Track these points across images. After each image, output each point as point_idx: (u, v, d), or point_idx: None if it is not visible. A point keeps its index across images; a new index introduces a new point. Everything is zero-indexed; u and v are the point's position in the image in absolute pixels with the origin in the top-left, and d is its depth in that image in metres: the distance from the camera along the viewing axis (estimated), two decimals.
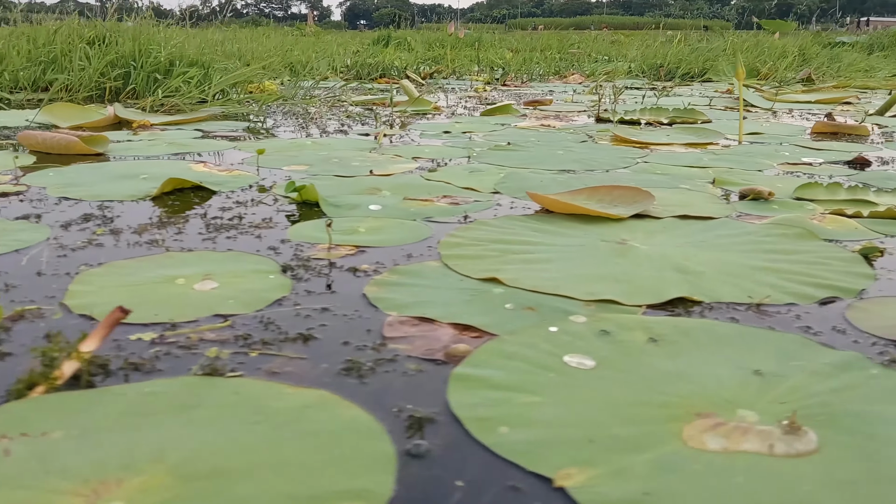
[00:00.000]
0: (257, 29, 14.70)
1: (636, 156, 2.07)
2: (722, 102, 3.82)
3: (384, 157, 2.05)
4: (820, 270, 1.07)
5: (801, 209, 1.44)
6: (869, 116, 3.18)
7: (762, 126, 2.80)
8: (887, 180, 1.76)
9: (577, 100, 3.89)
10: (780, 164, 1.97)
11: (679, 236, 1.24)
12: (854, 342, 0.83)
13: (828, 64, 6.20)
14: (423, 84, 4.97)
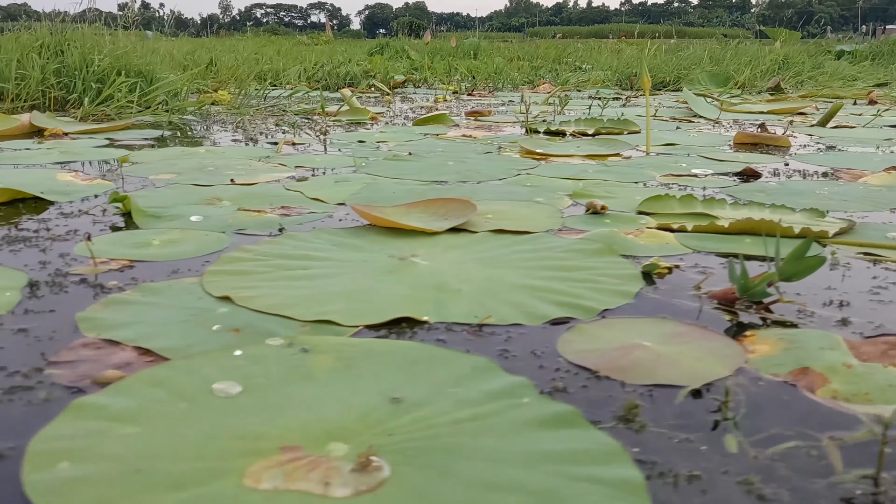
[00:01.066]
0: (263, 38, 14.79)
1: (525, 168, 2.03)
2: (673, 112, 3.76)
3: (268, 165, 2.02)
4: (583, 289, 1.02)
5: (632, 223, 1.40)
6: (811, 127, 3.11)
7: (689, 136, 2.74)
8: (757, 192, 1.70)
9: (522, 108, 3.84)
10: (665, 175, 1.92)
11: (475, 252, 1.20)
12: (539, 367, 0.79)
13: (809, 72, 6.11)
14: (390, 93, 4.95)
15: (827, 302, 0.99)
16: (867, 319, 0.93)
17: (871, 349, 0.83)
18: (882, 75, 6.71)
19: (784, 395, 0.74)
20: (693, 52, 6.38)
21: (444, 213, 1.43)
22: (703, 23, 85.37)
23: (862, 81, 6.06)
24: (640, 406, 0.70)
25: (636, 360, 0.80)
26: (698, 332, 0.88)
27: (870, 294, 1.02)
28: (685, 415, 0.70)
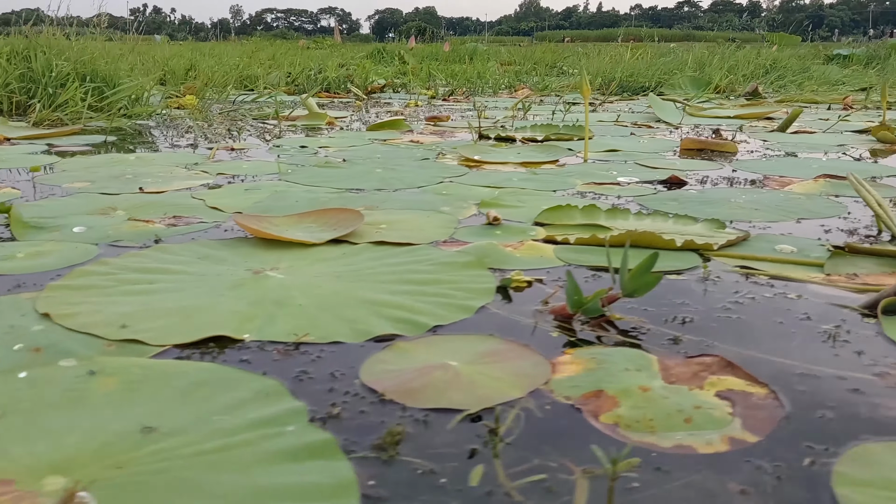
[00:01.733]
0: (257, 42, 14.79)
1: (453, 175, 2.00)
2: (637, 118, 3.72)
3: (190, 173, 2.00)
4: (428, 304, 0.99)
5: (521, 234, 1.36)
6: (770, 133, 3.07)
7: (639, 143, 2.70)
8: (670, 201, 1.66)
9: (493, 115, 3.81)
10: (587, 183, 1.89)
11: (341, 264, 1.17)
12: (329, 390, 0.76)
13: (792, 77, 6.05)
14: (365, 98, 4.92)
15: (671, 318, 0.95)
16: (702, 337, 0.89)
17: (684, 370, 0.80)
18: (870, 80, 6.64)
19: (564, 421, 0.70)
20: (674, 58, 6.32)
21: (333, 223, 1.41)
22: (712, 27, 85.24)
23: (848, 86, 6.00)
24: (404, 433, 0.67)
25: (430, 381, 0.77)
26: (516, 350, 0.85)
27: (721, 311, 0.98)
28: (450, 443, 0.66)
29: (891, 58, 8.41)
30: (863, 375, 0.79)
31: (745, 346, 0.87)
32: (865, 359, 0.83)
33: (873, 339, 0.89)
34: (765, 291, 1.06)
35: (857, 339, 0.89)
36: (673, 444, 0.66)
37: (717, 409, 0.72)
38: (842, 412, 0.72)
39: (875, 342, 0.88)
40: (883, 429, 0.69)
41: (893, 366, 0.82)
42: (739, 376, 0.79)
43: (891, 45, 10.23)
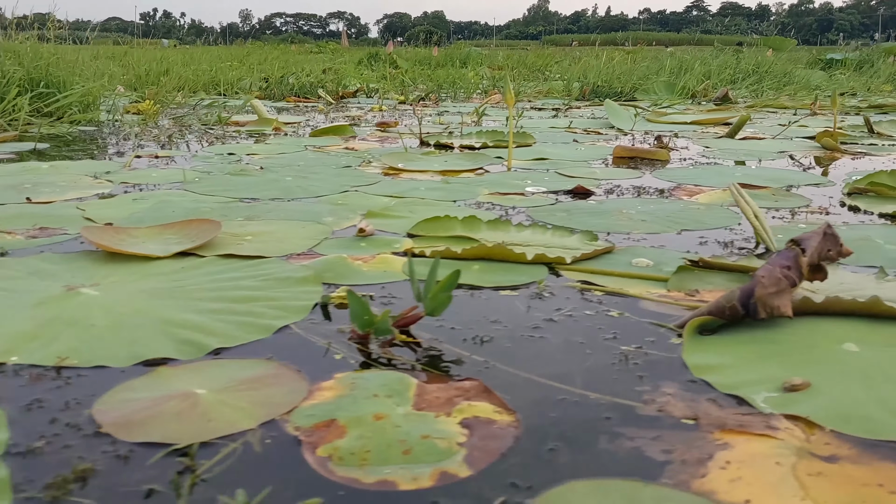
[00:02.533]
0: (249, 46, 14.81)
1: (364, 183, 1.97)
2: (591, 124, 3.68)
3: (93, 182, 1.98)
4: (230, 323, 0.96)
5: (385, 247, 1.33)
6: (717, 139, 3.02)
7: (576, 150, 2.66)
8: (560, 212, 1.62)
9: (451, 120, 3.78)
10: (493, 193, 1.85)
11: (168, 280, 1.14)
12: (51, 421, 0.72)
13: (769, 81, 6.00)
14: (333, 103, 4.90)
15: (472, 338, 0.92)
16: (488, 358, 0.85)
17: (441, 395, 0.76)
18: (851, 84, 6.58)
19: (277, 456, 0.66)
20: (651, 63, 6.27)
21: (193, 235, 1.37)
22: (720, 31, 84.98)
23: (827, 91, 5.94)
24: (92, 470, 0.64)
25: (158, 412, 0.73)
26: (283, 376, 0.81)
27: (529, 329, 0.95)
28: (139, 481, 0.63)
29: (879, 62, 8.33)
30: (628, 402, 0.75)
31: (525, 369, 0.83)
32: (644, 384, 0.80)
33: (666, 362, 0.85)
34: (588, 308, 1.03)
35: (650, 362, 0.85)
36: (377, 479, 0.63)
37: (446, 440, 0.68)
38: (577, 443, 0.68)
39: (665, 366, 0.84)
40: (606, 465, 0.65)
41: (665, 392, 0.78)
42: (493, 402, 0.75)
43: (883, 50, 10.16)
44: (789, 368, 0.83)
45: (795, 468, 0.64)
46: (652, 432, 0.70)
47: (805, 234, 1.01)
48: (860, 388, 0.78)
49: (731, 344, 0.90)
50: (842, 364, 0.84)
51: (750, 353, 0.87)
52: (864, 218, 1.62)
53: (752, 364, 0.84)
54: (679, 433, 0.69)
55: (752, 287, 0.93)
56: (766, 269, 0.94)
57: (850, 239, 1.36)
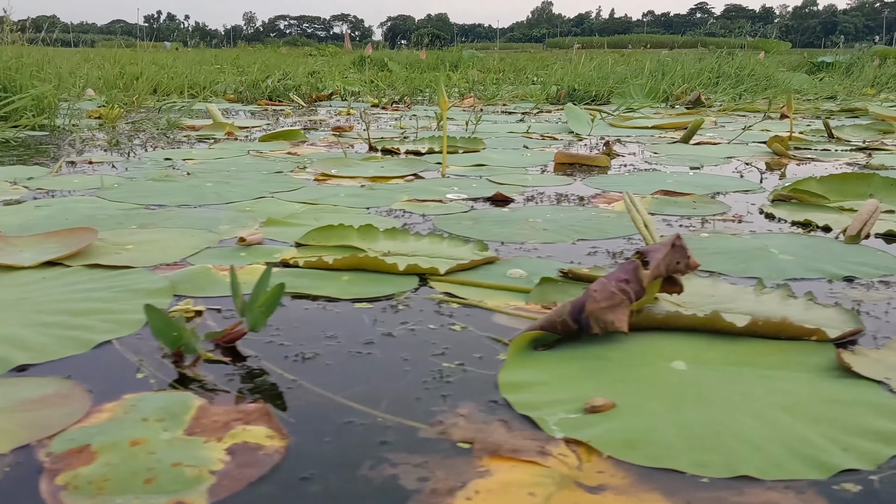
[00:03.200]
0: (245, 50, 14.83)
1: (289, 188, 1.95)
2: (551, 128, 3.65)
3: (13, 187, 1.96)
4: (52, 338, 0.93)
5: (265, 256, 1.30)
6: (671, 144, 2.99)
7: (521, 156, 2.63)
8: (465, 220, 1.59)
9: (412, 124, 3.75)
10: (409, 200, 1.82)
11: (20, 291, 1.11)
12: None
13: (745, 85, 5.95)
14: (304, 106, 4.87)
15: (297, 354, 0.88)
16: (299, 377, 0.82)
17: (220, 419, 0.73)
18: (838, 88, 6.53)
19: (9, 485, 0.63)
20: (620, 69, 6.23)
21: (73, 243, 1.34)
22: (724, 33, 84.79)
23: (808, 94, 5.90)
24: None
25: None
26: (69, 396, 0.78)
27: (361, 345, 0.92)
28: None
29: (864, 65, 8.28)
30: (415, 424, 0.72)
31: (333, 388, 0.80)
32: (443, 404, 0.77)
33: (482, 379, 0.82)
34: (435, 322, 0.99)
35: (463, 381, 0.82)
36: None
37: (199, 467, 0.65)
38: (336, 471, 0.65)
39: (478, 384, 0.81)
40: (355, 494, 0.62)
41: (459, 413, 0.74)
42: (270, 427, 0.72)
43: (873, 52, 10.11)
44: (605, 387, 0.80)
45: (549, 500, 0.60)
46: (420, 458, 0.66)
47: (652, 246, 0.98)
48: (667, 410, 0.75)
49: (558, 360, 0.87)
50: (661, 384, 0.81)
51: (572, 371, 0.84)
52: (775, 226, 1.58)
53: (568, 382, 0.81)
54: (446, 459, 0.66)
55: (584, 301, 0.89)
56: (600, 283, 0.91)
57: (747, 248, 1.33)
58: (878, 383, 0.81)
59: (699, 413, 0.74)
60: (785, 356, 0.88)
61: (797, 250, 1.35)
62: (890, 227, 1.52)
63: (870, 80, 7.09)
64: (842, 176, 1.93)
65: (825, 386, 0.81)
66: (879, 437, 0.70)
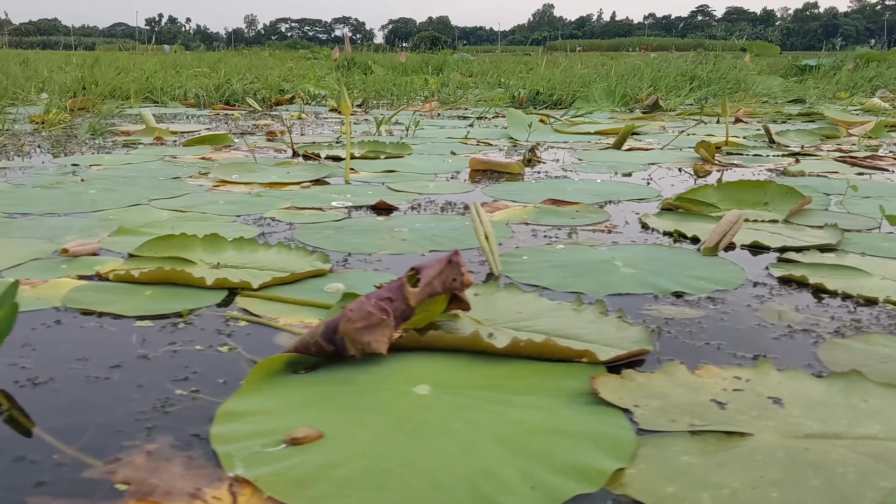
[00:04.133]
0: (229, 53, 14.80)
1: (166, 196, 1.90)
2: (494, 133, 3.60)
3: None
4: None
5: (85, 269, 1.25)
6: (602, 150, 2.94)
7: (442, 163, 2.58)
8: (326, 229, 1.54)
9: (358, 129, 3.70)
10: (287, 208, 1.77)
11: None
12: None
13: (714, 88, 5.90)
14: (259, 110, 4.83)
15: (28, 379, 0.84)
16: (12, 406, 0.77)
17: None
18: (811, 92, 6.48)
19: None
20: (584, 72, 6.19)
21: None
22: (725, 35, 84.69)
23: (778, 98, 5.85)
24: None
25: None
26: None
27: (107, 369, 0.87)
28: None
29: (840, 69, 8.23)
30: (91, 461, 0.67)
31: (41, 418, 0.76)
32: (139, 438, 0.71)
33: (206, 408, 0.77)
34: (204, 342, 0.95)
35: (184, 410, 0.77)
36: None
37: None
38: None
39: (196, 414, 0.76)
40: None
41: (146, 449, 0.69)
42: None
43: (856, 55, 10.06)
44: (328, 415, 0.75)
45: None
46: (63, 501, 0.61)
47: (427, 263, 0.93)
48: (374, 441, 0.70)
49: (301, 385, 0.82)
50: (388, 411, 0.76)
51: (304, 397, 0.79)
52: (646, 236, 1.53)
53: (291, 411, 0.76)
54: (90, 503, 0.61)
55: (338, 321, 0.84)
56: (358, 302, 0.86)
57: (590, 261, 1.29)
58: (623, 411, 0.76)
59: (407, 443, 0.69)
60: (541, 379, 0.83)
61: (644, 263, 1.30)
62: (758, 237, 1.47)
63: (843, 84, 7.03)
64: (738, 184, 1.89)
65: (563, 414, 0.76)
66: (573, 473, 0.65)
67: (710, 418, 0.75)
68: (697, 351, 0.93)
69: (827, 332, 0.99)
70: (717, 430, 0.73)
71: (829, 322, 1.03)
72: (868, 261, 1.33)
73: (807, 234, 1.51)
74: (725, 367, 0.87)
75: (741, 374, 0.85)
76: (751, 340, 0.96)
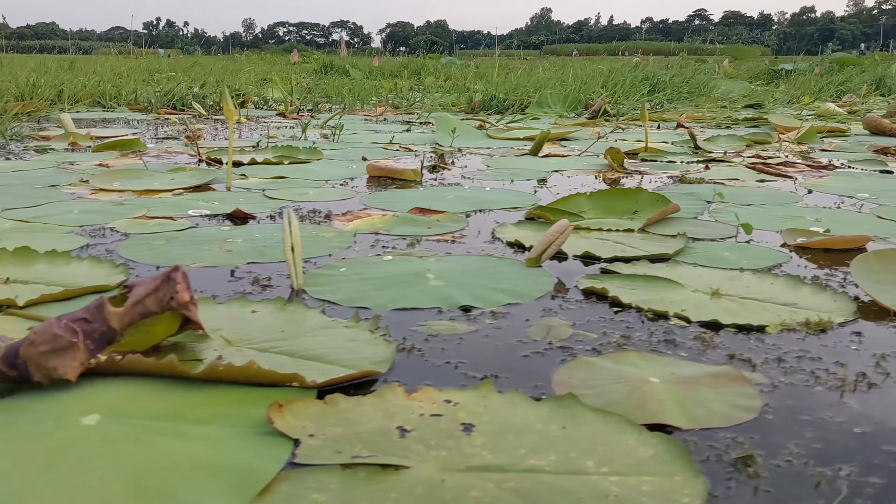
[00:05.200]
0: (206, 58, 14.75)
1: (23, 206, 1.84)
2: (422, 138, 3.54)
3: None
4: None
5: None
6: (518, 157, 2.89)
7: (347, 168, 2.53)
8: (155, 240, 1.49)
9: (279, 134, 3.65)
10: (138, 217, 1.72)
11: None
12: None
13: (673, 93, 5.85)
14: (204, 115, 4.78)
15: None
16: None
17: None
18: (777, 96, 6.43)
19: None
20: (537, 76, 6.14)
21: None
22: (722, 40, 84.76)
23: (739, 103, 5.80)
24: None
25: None
26: None
27: None
28: None
29: (805, 73, 8.18)
30: None
31: None
32: None
33: None
34: None
35: None
36: None
37: None
38: None
39: None
40: None
41: None
42: None
43: (832, 60, 10.02)
44: None
45: None
46: None
47: (142, 280, 0.87)
48: None
49: None
50: (40, 443, 0.71)
51: None
52: (488, 246, 1.48)
53: None
54: None
55: (19, 345, 0.79)
56: (45, 324, 0.80)
57: (399, 273, 1.24)
58: (294, 442, 0.71)
59: (27, 481, 0.64)
60: (236, 408, 0.78)
61: (458, 275, 1.24)
62: (594, 247, 1.41)
63: (810, 89, 6.98)
64: (610, 192, 1.84)
65: (229, 446, 0.71)
66: None
67: (379, 448, 0.70)
68: (433, 371, 0.88)
69: (586, 349, 0.94)
70: (372, 464, 0.67)
71: (596, 338, 0.98)
72: (693, 271, 1.28)
73: (653, 244, 1.46)
74: (443, 390, 0.82)
75: (454, 396, 0.80)
76: (497, 359, 0.91)
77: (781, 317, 1.06)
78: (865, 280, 1.17)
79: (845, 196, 2.06)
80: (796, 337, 0.99)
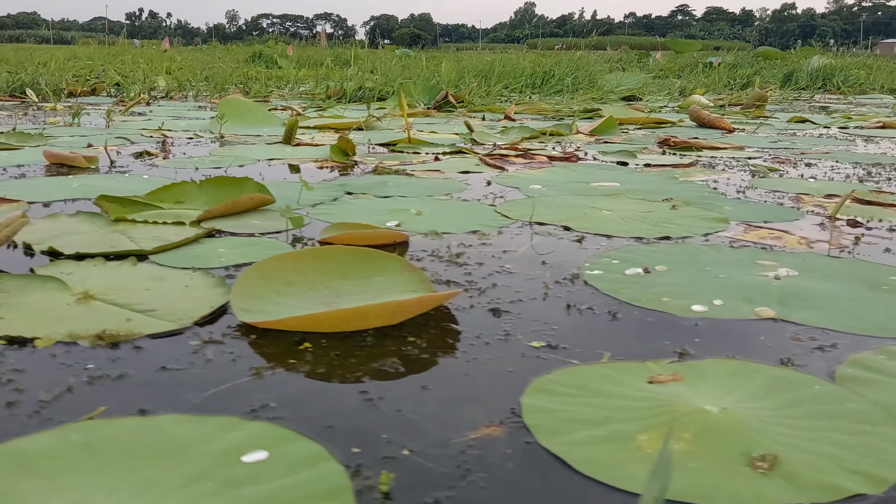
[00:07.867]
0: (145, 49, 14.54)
1: None
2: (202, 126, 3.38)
3: None
4: None
5: None
6: (269, 145, 2.73)
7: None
8: None
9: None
10: None
11: None
12: None
13: (564, 83, 5.71)
14: (35, 102, 4.60)
15: None
16: None
17: None
18: (671, 90, 6.32)
19: None
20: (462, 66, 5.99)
21: None
22: (703, 35, 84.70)
23: (615, 95, 5.67)
24: None
25: None
26: None
27: None
28: None
29: (739, 66, 8.09)
30: None
31: None
32: None
33: None
34: None
35: None
36: None
37: None
38: None
39: None
40: None
41: None
42: None
43: (756, 54, 9.94)
44: None
45: None
46: None
47: None
48: None
49: None
50: None
51: None
52: None
53: None
54: None
55: None
56: None
57: None
58: None
59: None
60: None
61: None
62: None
63: (708, 82, 6.87)
64: (217, 180, 1.70)
65: None
66: None
67: None
68: None
69: None
70: None
71: None
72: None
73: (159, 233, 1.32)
74: None
75: None
76: None
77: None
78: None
79: (514, 188, 1.92)
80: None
